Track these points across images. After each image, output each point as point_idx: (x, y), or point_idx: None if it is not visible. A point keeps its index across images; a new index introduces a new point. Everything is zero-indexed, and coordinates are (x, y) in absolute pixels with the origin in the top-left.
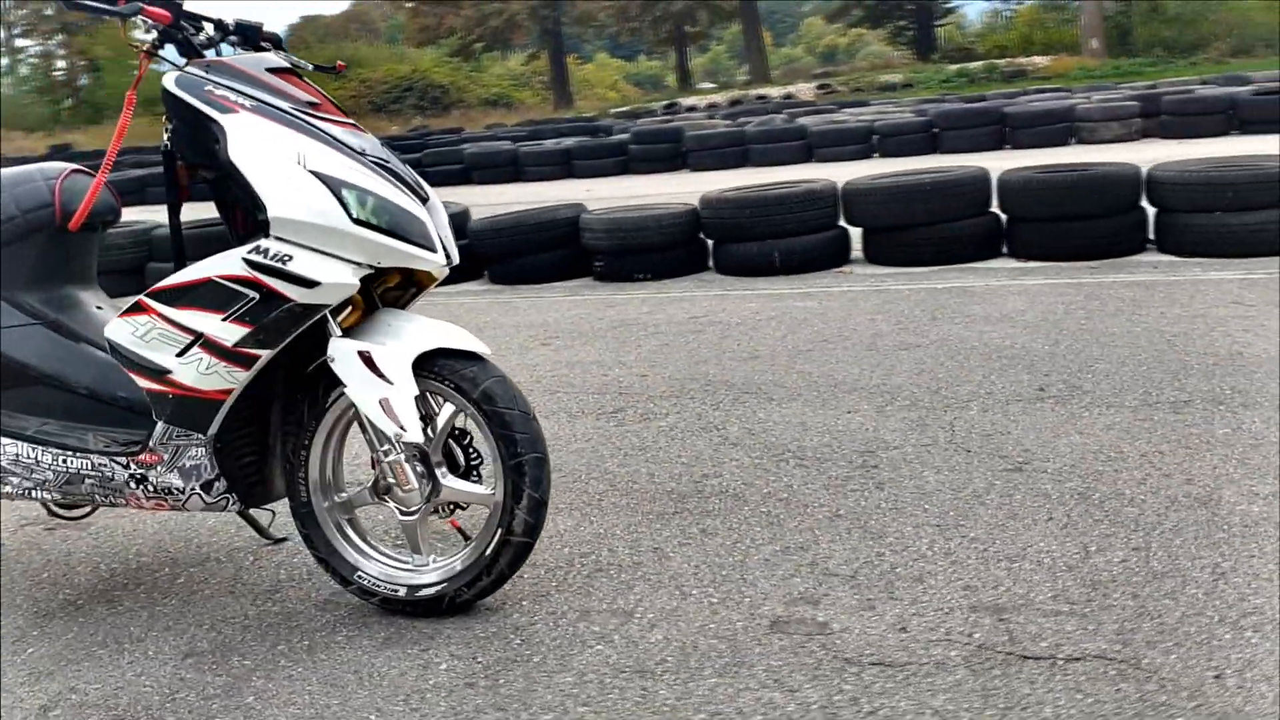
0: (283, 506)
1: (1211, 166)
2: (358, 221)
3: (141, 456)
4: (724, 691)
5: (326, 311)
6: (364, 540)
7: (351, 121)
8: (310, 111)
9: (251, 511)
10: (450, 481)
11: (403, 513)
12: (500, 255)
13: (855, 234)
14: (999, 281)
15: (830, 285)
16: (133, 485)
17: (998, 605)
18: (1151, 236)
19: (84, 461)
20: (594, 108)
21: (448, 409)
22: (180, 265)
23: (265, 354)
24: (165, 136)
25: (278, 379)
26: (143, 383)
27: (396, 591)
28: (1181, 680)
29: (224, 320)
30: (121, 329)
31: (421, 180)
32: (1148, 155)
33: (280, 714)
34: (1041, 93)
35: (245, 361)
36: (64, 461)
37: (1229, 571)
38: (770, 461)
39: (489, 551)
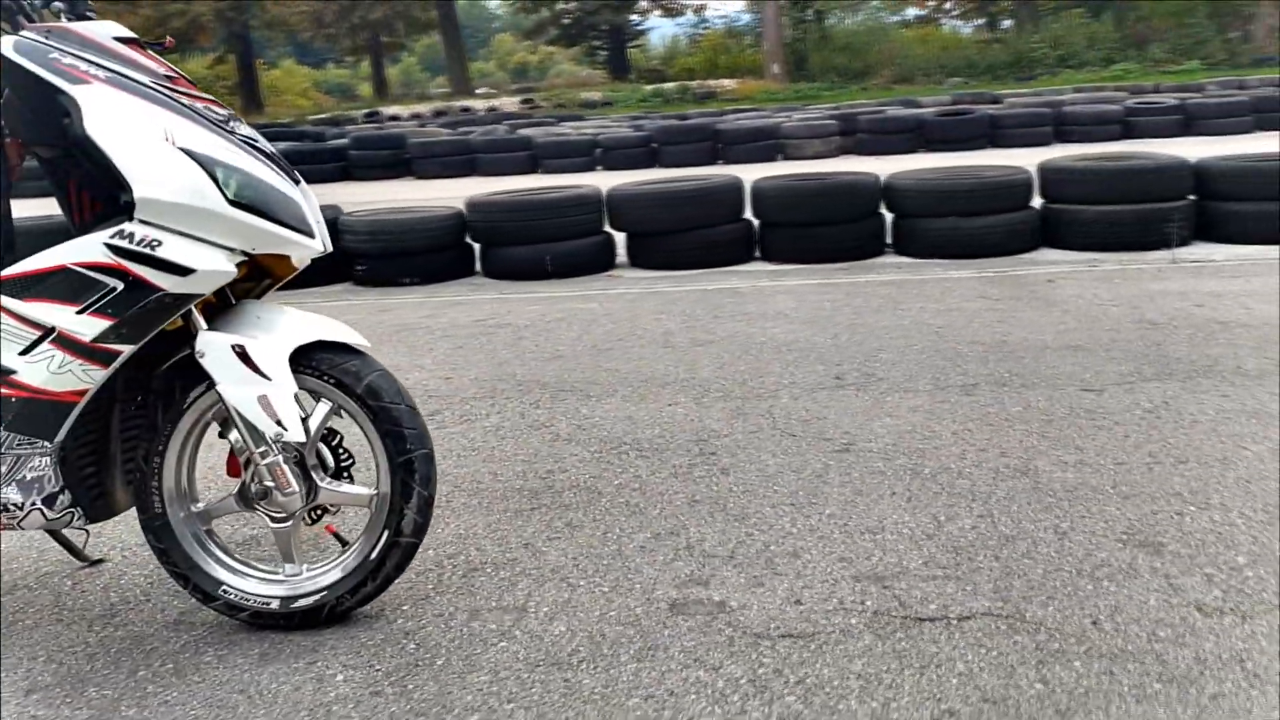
0: (101, 525)
1: (944, 176)
2: (233, 203)
3: None
4: (648, 675)
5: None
6: (225, 553)
7: (211, 98)
8: (169, 85)
9: (64, 531)
10: (328, 484)
11: (274, 519)
12: None
13: (619, 239)
14: (763, 282)
15: (606, 288)
16: None
17: (877, 574)
18: (889, 240)
19: None
20: (287, 114)
21: (322, 406)
22: (8, 254)
23: (126, 350)
24: None
25: (118, 379)
26: None
27: (269, 604)
28: (1065, 628)
29: (80, 313)
30: None
31: (288, 163)
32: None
33: None
34: (739, 112)
35: (104, 358)
36: None
37: (1069, 530)
38: (611, 454)
39: (374, 555)
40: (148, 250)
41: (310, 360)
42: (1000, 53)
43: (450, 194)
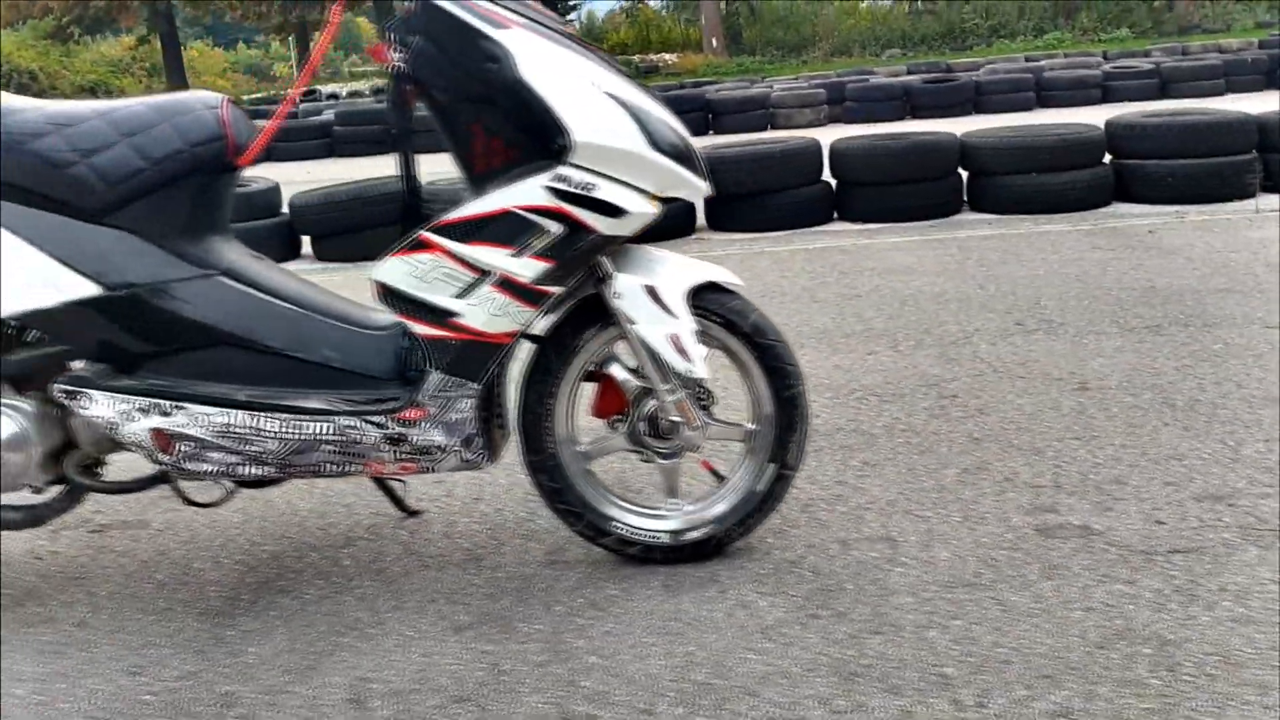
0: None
1: (1023, 134)
2: (654, 148)
3: (405, 413)
4: (1070, 590)
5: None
6: (609, 491)
7: (597, 46)
8: (566, 33)
9: (389, 482)
10: (715, 418)
11: (663, 456)
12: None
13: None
14: (860, 240)
15: (703, 250)
16: (384, 447)
17: (1214, 495)
18: (965, 198)
19: (324, 425)
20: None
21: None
22: (415, 203)
23: (556, 291)
24: (397, 58)
25: None
26: (420, 328)
27: (659, 538)
28: None
29: (518, 255)
30: (396, 269)
31: None
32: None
33: (635, 657)
34: (698, 86)
35: (537, 300)
36: (297, 427)
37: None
38: (851, 400)
39: (761, 486)
40: (584, 193)
41: (698, 300)
42: (933, 24)
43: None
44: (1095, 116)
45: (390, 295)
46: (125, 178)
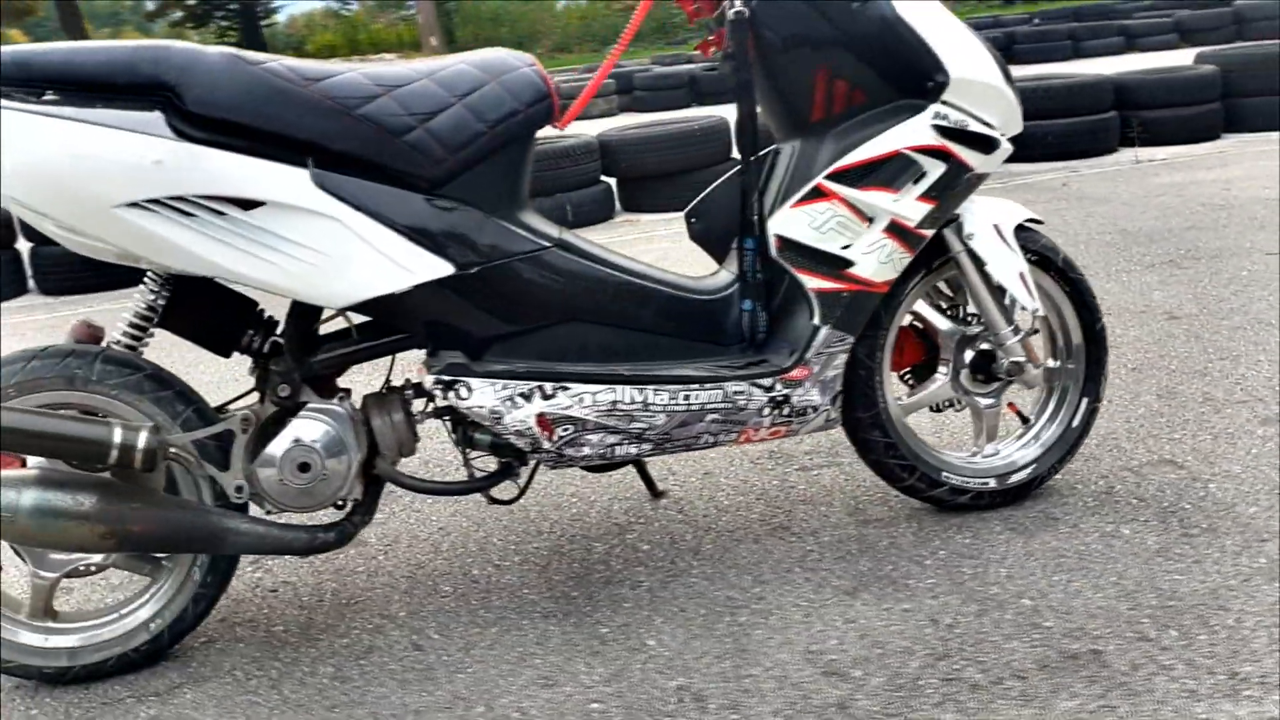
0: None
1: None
2: (1008, 82)
3: (793, 373)
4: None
5: None
6: (924, 441)
7: None
8: None
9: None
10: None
11: (987, 400)
12: None
13: None
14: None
15: None
16: (766, 411)
17: None
18: None
19: (714, 393)
20: None
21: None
22: (752, 153)
23: (930, 234)
24: (739, 2)
25: None
26: (814, 282)
27: (987, 484)
28: None
29: (904, 198)
30: (796, 221)
31: None
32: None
33: (1062, 593)
34: None
35: (917, 244)
36: (686, 398)
37: None
38: (1133, 321)
39: (1076, 423)
40: (963, 129)
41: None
42: (646, 20)
43: None
44: None
45: (789, 248)
46: (465, 143)
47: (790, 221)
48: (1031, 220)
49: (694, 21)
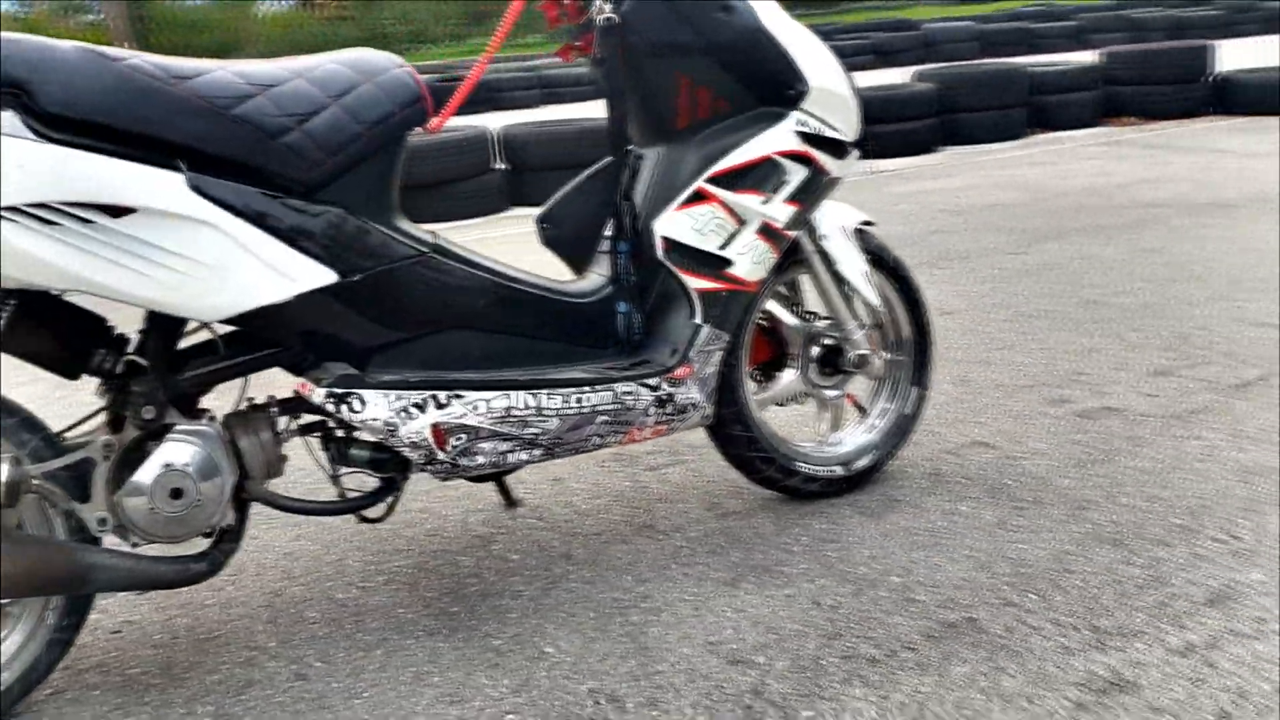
0: None
1: None
2: (855, 93)
3: (677, 372)
4: None
5: None
6: (778, 435)
7: None
8: None
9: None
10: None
11: (832, 391)
12: None
13: None
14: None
15: None
16: (651, 411)
17: None
18: None
19: (605, 395)
20: None
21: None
22: (620, 157)
23: (794, 236)
24: (608, 9)
25: None
26: (697, 282)
27: (834, 471)
28: None
29: (774, 201)
30: (680, 223)
31: None
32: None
33: (927, 568)
34: None
35: (782, 245)
36: (578, 401)
37: None
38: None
39: (909, 409)
40: (820, 135)
41: None
42: (353, 29)
43: None
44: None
45: (675, 249)
46: (343, 145)
47: (675, 224)
48: (865, 223)
49: (553, 27)
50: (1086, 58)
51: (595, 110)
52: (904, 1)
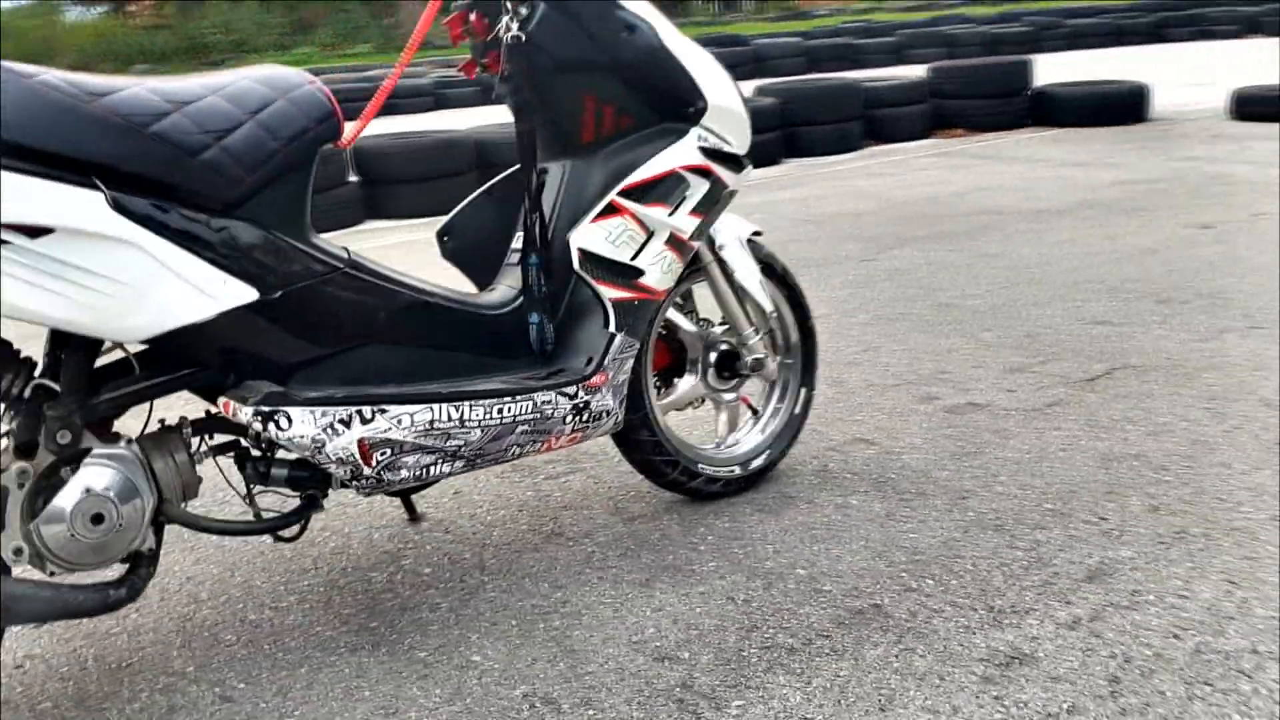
0: None
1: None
2: (746, 109)
3: (594, 379)
4: None
5: None
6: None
7: None
8: None
9: None
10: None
11: (729, 395)
12: None
13: None
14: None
15: None
16: (569, 419)
17: None
18: None
19: (524, 405)
20: None
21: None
22: (530, 171)
23: (698, 245)
24: (515, 27)
25: None
26: (612, 292)
27: (733, 471)
28: None
29: (679, 213)
30: (594, 235)
31: None
32: None
33: (828, 559)
34: None
35: (688, 255)
36: (500, 411)
37: None
38: None
39: (798, 410)
40: (719, 150)
41: None
42: (171, 38)
43: None
44: None
45: (589, 260)
46: (261, 162)
47: (590, 236)
48: (755, 233)
49: (458, 44)
50: (915, 73)
51: (447, 121)
52: (733, 17)
